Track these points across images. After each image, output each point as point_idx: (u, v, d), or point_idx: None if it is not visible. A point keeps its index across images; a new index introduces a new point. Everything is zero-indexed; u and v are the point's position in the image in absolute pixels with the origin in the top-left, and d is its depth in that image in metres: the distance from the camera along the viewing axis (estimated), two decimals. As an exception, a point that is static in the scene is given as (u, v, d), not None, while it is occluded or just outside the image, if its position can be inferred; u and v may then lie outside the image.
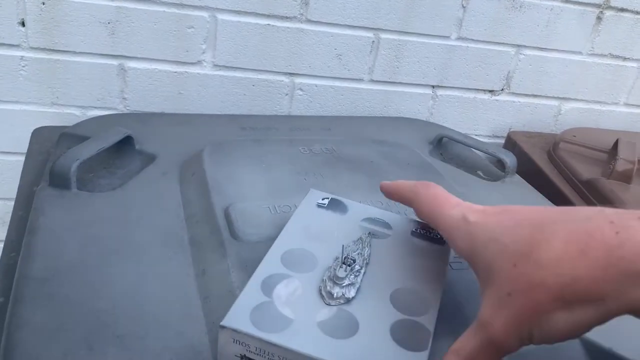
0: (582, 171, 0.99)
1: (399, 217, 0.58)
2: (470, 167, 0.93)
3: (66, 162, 0.68)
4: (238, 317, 0.44)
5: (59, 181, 0.68)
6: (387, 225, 0.56)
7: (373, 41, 1.08)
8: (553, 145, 1.09)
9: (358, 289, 0.48)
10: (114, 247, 0.59)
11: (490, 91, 1.20)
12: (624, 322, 0.59)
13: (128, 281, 0.55)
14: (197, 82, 1.04)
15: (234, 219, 0.61)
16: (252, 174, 0.71)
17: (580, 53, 1.19)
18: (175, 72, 1.02)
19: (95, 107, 1.02)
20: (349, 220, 0.56)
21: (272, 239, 0.59)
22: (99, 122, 0.87)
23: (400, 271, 0.51)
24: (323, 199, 0.59)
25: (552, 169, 1.05)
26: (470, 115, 1.21)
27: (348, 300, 0.47)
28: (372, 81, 1.13)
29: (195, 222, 0.63)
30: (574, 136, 1.09)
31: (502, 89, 1.20)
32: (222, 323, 0.43)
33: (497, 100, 1.21)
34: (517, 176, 0.92)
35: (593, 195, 0.94)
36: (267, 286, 0.48)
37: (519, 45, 1.15)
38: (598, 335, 0.55)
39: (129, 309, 0.52)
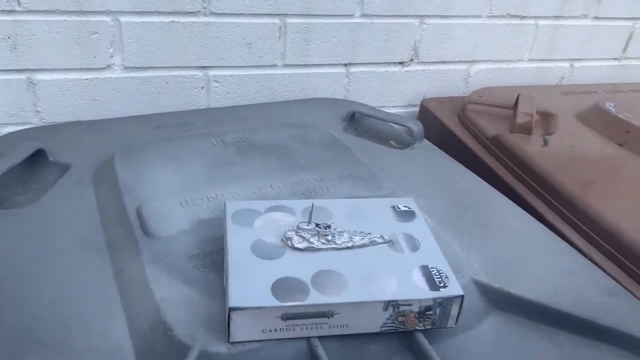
0: (489, 129, 1.05)
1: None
2: (383, 137, 0.97)
3: (-25, 183, 0.69)
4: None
5: (-30, 203, 0.69)
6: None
7: (280, 27, 1.10)
8: (462, 107, 1.15)
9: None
10: (32, 259, 0.61)
11: (401, 63, 1.24)
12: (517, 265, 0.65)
13: (48, 289, 0.57)
14: (110, 87, 1.04)
15: (145, 217, 0.63)
16: (164, 172, 0.73)
17: (480, 16, 1.25)
18: (86, 79, 1.02)
19: (10, 124, 1.01)
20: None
21: (185, 232, 0.62)
22: (9, 139, 0.87)
23: None
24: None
25: (462, 130, 1.11)
26: (384, 88, 1.26)
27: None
28: (286, 65, 1.15)
29: (111, 225, 0.65)
30: (480, 97, 1.15)
31: (412, 60, 1.25)
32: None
33: (407, 71, 1.26)
34: (427, 141, 0.97)
35: (499, 149, 1.00)
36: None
37: (421, 16, 1.20)
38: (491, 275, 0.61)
39: (51, 316, 0.54)
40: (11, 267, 0.60)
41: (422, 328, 0.52)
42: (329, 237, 0.54)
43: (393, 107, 1.29)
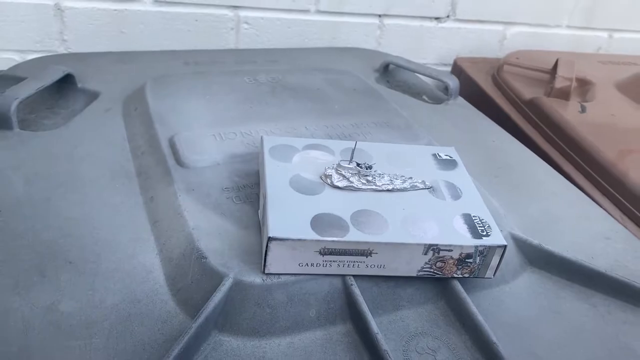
0: (525, 92, 1.02)
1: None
2: (415, 92, 0.95)
3: (5, 102, 0.67)
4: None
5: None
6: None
7: (317, -30, 1.07)
8: (497, 68, 1.11)
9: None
10: (61, 182, 0.60)
11: (437, 18, 1.20)
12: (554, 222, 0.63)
13: (77, 212, 0.56)
14: (139, 20, 1.02)
15: (178, 147, 0.62)
16: (196, 104, 0.71)
17: (522, -24, 1.21)
18: (115, 10, 1.00)
19: (35, 51, 0.99)
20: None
21: (218, 164, 0.60)
22: (38, 63, 0.85)
23: None
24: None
25: (496, 91, 1.08)
26: (417, 43, 1.22)
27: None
28: (319, 12, 1.12)
29: (141, 153, 0.64)
30: (517, 59, 1.11)
31: (448, 16, 1.21)
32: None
33: (443, 27, 1.22)
34: (461, 99, 0.94)
35: (534, 113, 0.97)
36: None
37: (462, -30, 1.16)
38: (528, 233, 0.59)
39: (79, 237, 0.53)
40: (39, 188, 0.58)
41: (460, 276, 0.51)
42: (370, 178, 0.53)
43: (424, 63, 1.25)
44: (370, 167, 0.53)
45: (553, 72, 1.03)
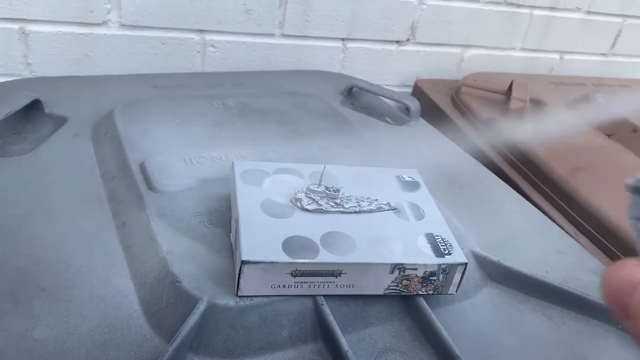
0: (482, 112, 1.07)
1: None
2: (379, 114, 0.98)
3: (-29, 128, 0.67)
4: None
5: (-34, 148, 0.67)
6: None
7: (281, -5, 1.10)
8: (456, 90, 1.16)
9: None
10: (31, 208, 0.60)
11: (397, 42, 1.25)
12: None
13: (49, 238, 0.56)
14: (105, 44, 1.02)
15: (150, 172, 0.63)
16: (166, 129, 0.72)
17: (478, 1, 1.26)
18: (81, 33, 1.00)
19: (-2, 74, 0.99)
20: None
21: (190, 189, 0.62)
22: (4, 87, 0.85)
23: None
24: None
25: (455, 112, 1.12)
26: (379, 66, 1.26)
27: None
28: (284, 36, 1.15)
29: (112, 178, 0.65)
30: (475, 80, 1.16)
31: (408, 39, 1.25)
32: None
33: (403, 50, 1.26)
34: (422, 120, 0.98)
35: (491, 133, 1.02)
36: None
37: (422, -4, 1.21)
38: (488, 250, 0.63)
39: (52, 264, 0.53)
40: (9, 215, 0.59)
41: (424, 293, 0.53)
42: (337, 201, 0.55)
43: (387, 85, 1.29)
44: (338, 191, 0.55)
45: (508, 94, 1.08)
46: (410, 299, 0.54)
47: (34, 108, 0.78)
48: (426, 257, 0.51)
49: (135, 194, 0.61)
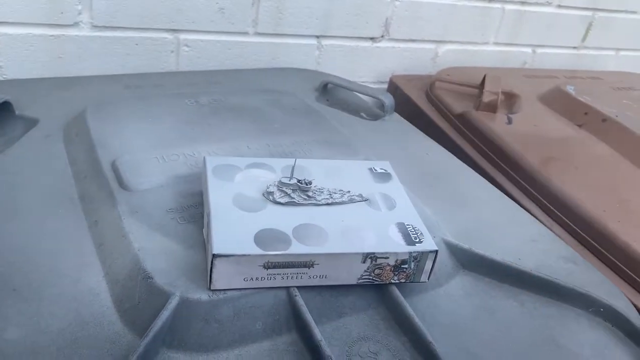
0: (455, 106, 1.08)
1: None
2: (354, 109, 0.99)
3: (-61, 130, 0.66)
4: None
5: None
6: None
7: (254, -7, 1.10)
8: (430, 85, 1.17)
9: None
10: (1, 210, 0.59)
11: (372, 38, 1.26)
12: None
13: (19, 239, 0.56)
14: (77, 45, 1.01)
15: (121, 170, 0.62)
16: (137, 128, 0.72)
17: (450, -3, 1.28)
18: (52, 35, 0.99)
19: (-32, 77, 0.97)
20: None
21: (162, 186, 0.62)
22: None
23: None
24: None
25: (430, 106, 1.13)
26: (354, 63, 1.27)
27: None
28: (258, 34, 1.15)
29: (84, 177, 0.64)
30: (448, 75, 1.18)
31: (382, 36, 1.26)
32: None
33: (378, 47, 1.27)
34: (396, 115, 0.99)
35: (465, 126, 1.03)
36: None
37: (393, -8, 1.21)
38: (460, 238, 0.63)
39: (24, 264, 0.53)
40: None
41: (397, 282, 0.54)
42: (310, 194, 0.55)
43: (362, 82, 1.30)
44: (310, 183, 0.56)
45: (481, 87, 1.09)
46: (384, 288, 0.54)
47: (3, 110, 0.77)
48: (397, 246, 0.52)
49: (106, 192, 0.61)
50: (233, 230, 0.50)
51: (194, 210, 0.59)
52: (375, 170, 0.63)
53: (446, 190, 0.76)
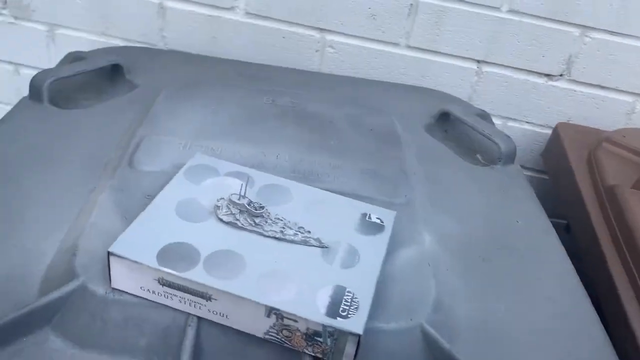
0: (612, 176, 0.85)
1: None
2: (470, 148, 0.85)
3: (42, 78, 0.75)
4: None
5: (34, 94, 0.75)
6: None
7: (411, 4, 1.01)
8: (596, 143, 0.94)
9: None
10: (37, 160, 0.65)
11: (547, 75, 1.06)
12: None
13: (28, 183, 0.60)
14: (230, 28, 1.07)
15: (139, 148, 0.63)
16: (194, 113, 0.72)
17: (664, 40, 1.01)
18: (211, 15, 1.06)
19: (138, 42, 1.10)
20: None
21: (162, 172, 0.61)
22: (111, 51, 0.94)
23: None
24: None
25: (583, 169, 0.91)
26: (520, 98, 1.09)
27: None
28: (409, 47, 1.06)
29: (120, 147, 0.67)
30: (624, 136, 0.93)
31: (562, 75, 1.06)
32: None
33: (554, 86, 1.07)
34: (516, 166, 0.82)
35: (609, 201, 0.80)
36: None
37: (584, 27, 1.00)
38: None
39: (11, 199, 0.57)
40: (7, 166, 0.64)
41: (312, 354, 0.44)
42: (258, 220, 0.48)
43: (527, 122, 1.12)
44: (262, 208, 0.49)
45: (656, 161, 0.84)
46: (301, 356, 0.45)
47: (117, 71, 0.84)
48: (311, 312, 0.42)
49: (116, 165, 0.62)
50: (147, 234, 0.46)
51: (170, 202, 0.57)
52: (369, 218, 0.53)
53: (502, 269, 0.60)
